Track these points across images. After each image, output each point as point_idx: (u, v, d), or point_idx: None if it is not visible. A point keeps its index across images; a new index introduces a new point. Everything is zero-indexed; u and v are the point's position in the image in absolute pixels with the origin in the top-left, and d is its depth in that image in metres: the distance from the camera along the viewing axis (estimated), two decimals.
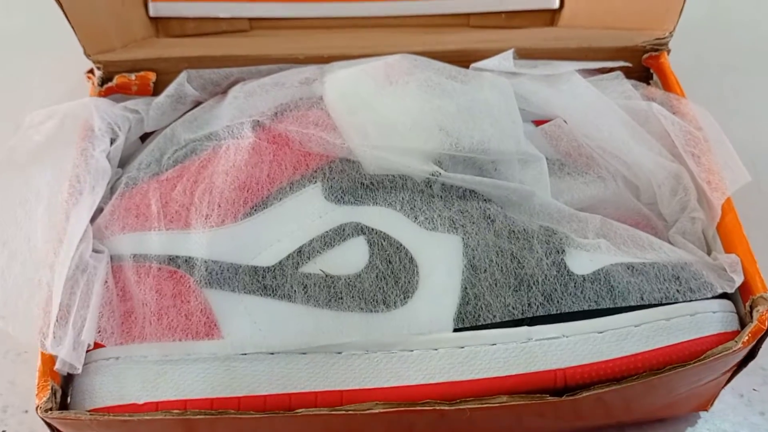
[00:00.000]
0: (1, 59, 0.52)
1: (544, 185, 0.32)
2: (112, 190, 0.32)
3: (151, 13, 0.44)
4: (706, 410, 0.35)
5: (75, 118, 0.32)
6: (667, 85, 0.37)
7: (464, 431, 0.32)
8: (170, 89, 0.35)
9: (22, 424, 0.35)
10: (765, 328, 0.28)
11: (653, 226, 0.34)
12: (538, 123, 0.36)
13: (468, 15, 0.48)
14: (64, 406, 0.28)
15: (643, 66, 0.38)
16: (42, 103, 0.48)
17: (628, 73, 0.38)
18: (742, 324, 0.30)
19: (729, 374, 0.32)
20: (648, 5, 0.39)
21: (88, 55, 0.35)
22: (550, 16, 0.47)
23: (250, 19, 0.46)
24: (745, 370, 0.35)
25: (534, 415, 0.30)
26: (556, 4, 0.47)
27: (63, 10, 0.34)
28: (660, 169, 0.33)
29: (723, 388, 0.33)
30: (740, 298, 0.30)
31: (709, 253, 0.32)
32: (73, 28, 0.34)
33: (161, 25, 0.45)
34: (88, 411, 0.27)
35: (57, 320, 0.28)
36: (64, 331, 0.28)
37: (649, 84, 0.38)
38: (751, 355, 0.30)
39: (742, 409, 0.36)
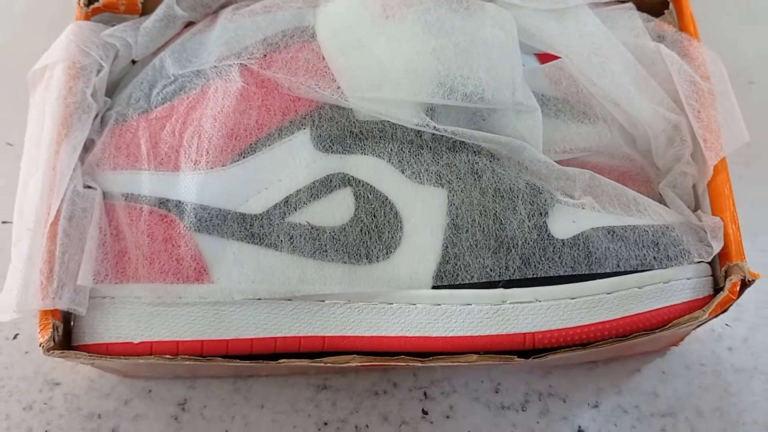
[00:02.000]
0: None
1: (536, 137, 0.32)
2: (102, 122, 0.32)
3: None
4: (677, 346, 0.37)
5: (62, 61, 0.32)
6: (682, 21, 0.35)
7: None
8: (159, 12, 0.33)
9: (35, 327, 0.37)
10: (735, 298, 0.29)
11: (645, 175, 0.33)
12: (540, 57, 0.35)
13: None
14: (67, 339, 0.30)
15: None
16: (24, 39, 0.47)
17: (642, 3, 0.36)
18: (716, 287, 0.30)
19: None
20: None
21: None
22: None
23: None
24: None
25: (506, 371, 0.32)
26: None
27: None
28: (659, 119, 0.32)
29: (693, 330, 0.35)
30: (718, 262, 0.31)
31: (695, 210, 0.32)
32: None
33: None
34: (87, 350, 0.29)
35: (53, 270, 0.29)
36: (62, 280, 0.29)
37: (663, 14, 0.36)
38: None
39: (711, 343, 0.38)
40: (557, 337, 0.29)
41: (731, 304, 0.29)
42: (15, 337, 0.38)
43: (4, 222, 0.41)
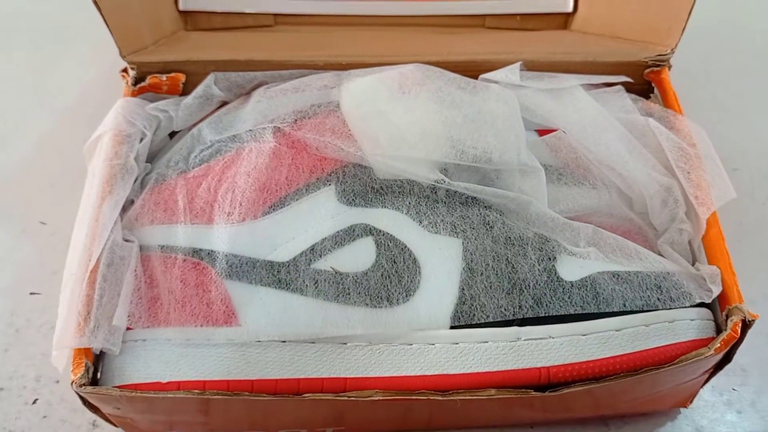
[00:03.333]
0: (33, 44, 0.55)
1: (541, 194, 0.34)
2: (142, 184, 0.35)
3: (181, 7, 0.47)
4: (686, 407, 0.38)
5: (110, 130, 0.35)
6: (666, 100, 0.39)
7: (457, 417, 0.35)
8: (198, 90, 0.37)
9: (54, 393, 0.39)
10: (737, 336, 0.31)
11: (644, 234, 0.36)
12: (540, 132, 0.38)
13: (484, 16, 0.50)
14: (94, 380, 0.31)
15: (644, 80, 0.40)
16: (75, 91, 0.52)
17: (631, 87, 0.40)
18: (719, 331, 0.32)
19: (707, 375, 0.34)
20: (654, 18, 0.41)
21: (123, 56, 0.38)
22: (563, 20, 0.49)
23: (275, 15, 0.48)
24: (726, 371, 0.37)
25: (523, 406, 0.33)
26: (570, 8, 0.49)
27: (100, 12, 0.37)
28: (652, 182, 0.35)
29: (702, 387, 0.36)
30: (719, 308, 0.33)
31: (693, 263, 0.34)
32: (109, 29, 0.37)
33: (190, 19, 0.48)
34: (117, 387, 0.30)
35: (90, 311, 0.31)
36: (98, 321, 0.31)
37: (650, 97, 0.40)
38: (726, 359, 0.33)
39: (720, 407, 0.39)
40: (571, 371, 0.30)
41: (736, 343, 0.31)
42: (34, 402, 0.38)
43: (31, 293, 0.42)
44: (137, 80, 0.38)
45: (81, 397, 0.31)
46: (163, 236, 0.33)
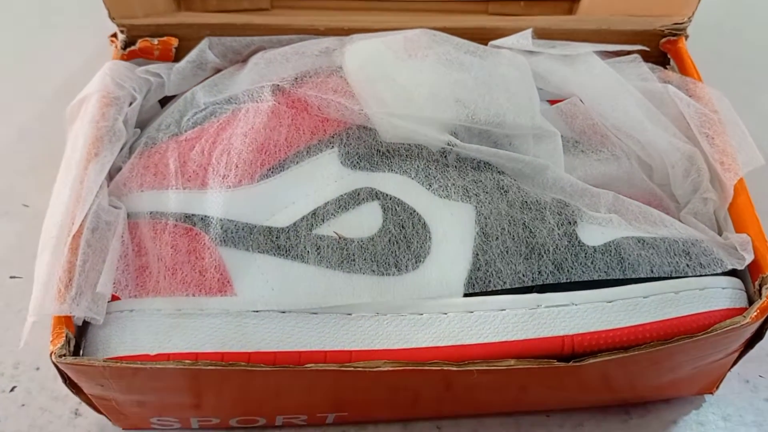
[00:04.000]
0: (19, 30, 0.54)
1: (558, 160, 0.32)
2: (131, 149, 0.33)
3: None
4: (712, 393, 0.35)
5: (97, 92, 0.33)
6: (684, 70, 0.37)
7: (469, 403, 0.32)
8: (192, 55, 0.35)
9: (33, 380, 0.36)
10: None
11: (665, 206, 0.34)
12: (552, 103, 0.36)
13: (487, 2, 0.49)
14: (76, 354, 0.29)
15: (660, 51, 0.39)
16: (61, 76, 0.50)
17: (646, 57, 0.38)
18: (751, 303, 0.30)
19: (735, 355, 0.32)
20: None
21: (112, 18, 0.35)
22: (568, 6, 0.47)
23: None
24: (752, 357, 0.35)
25: (539, 385, 0.31)
26: None
27: None
28: (673, 150, 0.33)
29: (729, 370, 0.33)
30: (750, 278, 0.30)
31: (720, 234, 0.32)
32: None
33: (183, 2, 0.46)
34: (102, 360, 0.28)
35: (72, 278, 0.28)
36: (81, 288, 0.28)
37: (666, 68, 0.38)
38: (758, 335, 0.31)
39: (747, 394, 0.36)
40: (597, 340, 0.28)
41: None
42: (12, 390, 0.36)
43: (11, 277, 0.40)
44: (127, 44, 0.36)
45: (61, 374, 0.29)
46: (153, 202, 0.31)
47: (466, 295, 0.29)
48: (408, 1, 0.48)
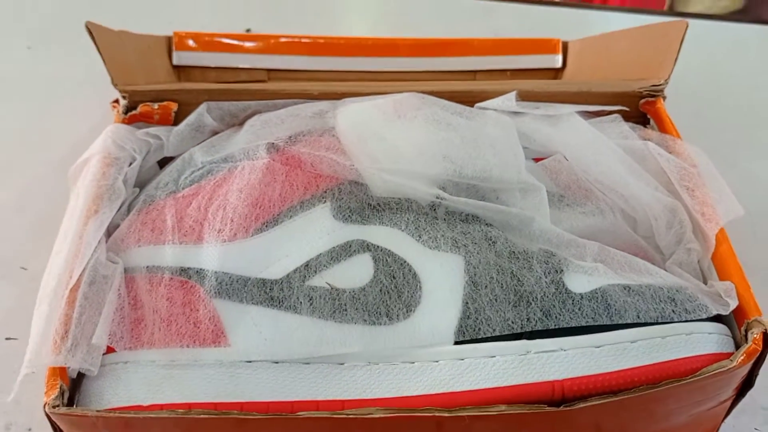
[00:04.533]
0: (27, 98, 0.56)
1: (543, 212, 0.33)
2: (129, 207, 0.34)
3: (175, 62, 0.47)
4: None
5: (98, 153, 0.34)
6: (663, 129, 0.39)
7: None
8: (190, 118, 0.37)
9: None
10: (760, 348, 0.29)
11: (650, 257, 0.35)
12: (538, 161, 0.38)
13: (474, 72, 0.51)
14: (70, 406, 0.29)
15: (640, 111, 0.40)
16: (66, 143, 0.51)
17: (626, 118, 0.40)
18: (738, 348, 0.30)
19: (727, 404, 0.32)
20: (644, 58, 0.42)
21: (115, 85, 0.37)
22: (552, 75, 0.50)
23: (268, 70, 0.49)
24: (746, 410, 0.35)
25: (533, 429, 0.31)
26: (560, 63, 0.50)
27: (96, 45, 0.37)
28: (656, 203, 0.34)
29: (722, 421, 0.33)
30: (735, 324, 0.31)
31: (705, 283, 0.33)
32: (103, 60, 0.37)
33: (183, 74, 0.48)
34: (95, 410, 0.28)
35: (68, 329, 0.28)
36: (77, 340, 0.28)
37: (646, 128, 0.40)
38: (748, 383, 0.31)
39: None
40: (586, 384, 0.28)
41: (759, 358, 0.29)
42: (8, 428, 0.35)
43: (7, 339, 0.40)
44: (128, 109, 0.37)
45: (54, 427, 0.29)
46: (150, 257, 0.32)
47: (456, 343, 0.29)
48: (399, 72, 0.50)
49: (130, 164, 0.35)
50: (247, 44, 0.49)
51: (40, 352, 0.28)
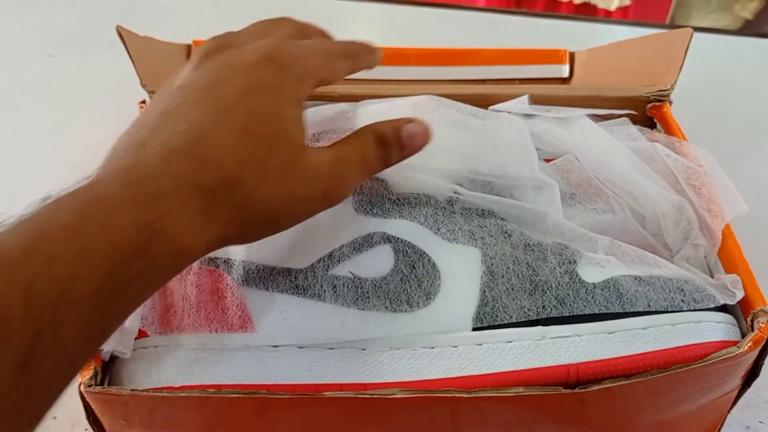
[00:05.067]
0: (51, 109, 0.57)
1: (556, 208, 0.35)
2: None
3: None
4: None
5: None
6: (669, 132, 0.40)
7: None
8: None
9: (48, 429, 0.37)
10: (766, 336, 0.30)
11: (659, 253, 0.36)
12: (549, 161, 0.39)
13: (484, 81, 0.52)
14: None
15: (647, 116, 0.42)
16: (88, 147, 0.53)
17: (634, 122, 0.41)
18: (744, 337, 0.31)
19: (733, 395, 0.33)
20: (651, 68, 0.43)
21: (143, 86, 0.39)
22: (560, 84, 0.51)
23: None
24: (751, 403, 0.36)
25: (546, 420, 0.32)
26: (567, 73, 0.51)
27: (125, 47, 0.38)
28: (664, 201, 0.36)
29: (728, 412, 0.35)
30: (742, 315, 0.32)
31: (711, 277, 0.34)
32: (132, 61, 0.38)
33: None
34: (129, 388, 0.29)
35: None
36: None
37: (652, 131, 0.41)
38: (754, 372, 0.32)
39: None
40: (600, 367, 0.29)
41: (764, 347, 0.30)
42: (54, 419, 0.36)
43: None
44: None
45: (86, 408, 0.30)
46: None
47: (475, 329, 0.30)
48: (409, 81, 0.52)
49: None
50: None
51: None
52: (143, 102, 0.40)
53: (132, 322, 0.30)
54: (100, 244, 0.22)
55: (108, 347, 0.29)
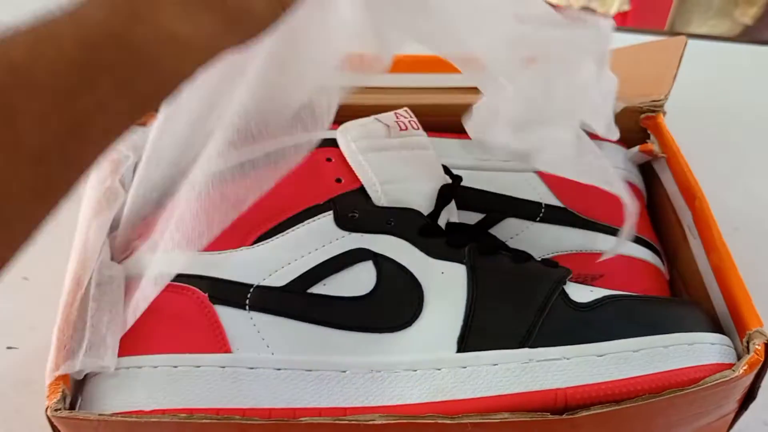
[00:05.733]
0: None
1: None
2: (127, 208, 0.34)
3: None
4: None
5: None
6: (663, 144, 0.39)
7: None
8: None
9: None
10: (762, 359, 0.29)
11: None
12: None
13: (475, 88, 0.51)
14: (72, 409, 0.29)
15: (640, 127, 0.41)
16: None
17: (626, 134, 0.40)
18: (740, 359, 0.30)
19: (730, 418, 0.32)
20: (645, 77, 0.42)
21: None
22: None
23: None
24: (749, 426, 0.35)
25: None
26: None
27: None
28: None
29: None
30: (737, 335, 0.31)
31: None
32: None
33: None
34: (96, 413, 0.28)
35: (83, 334, 0.29)
36: (90, 342, 0.29)
37: (645, 143, 0.40)
38: (750, 395, 0.31)
39: None
40: (589, 392, 0.28)
41: (761, 369, 0.29)
42: None
43: (8, 348, 0.40)
44: None
45: (53, 429, 0.28)
46: (149, 263, 0.32)
47: (459, 351, 0.29)
48: (402, 88, 0.50)
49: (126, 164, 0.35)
50: None
51: (55, 363, 0.28)
52: None
53: (114, 336, 0.29)
54: (64, 27, 0.19)
55: (90, 367, 0.28)
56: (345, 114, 0.37)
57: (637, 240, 0.37)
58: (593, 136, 0.39)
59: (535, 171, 0.38)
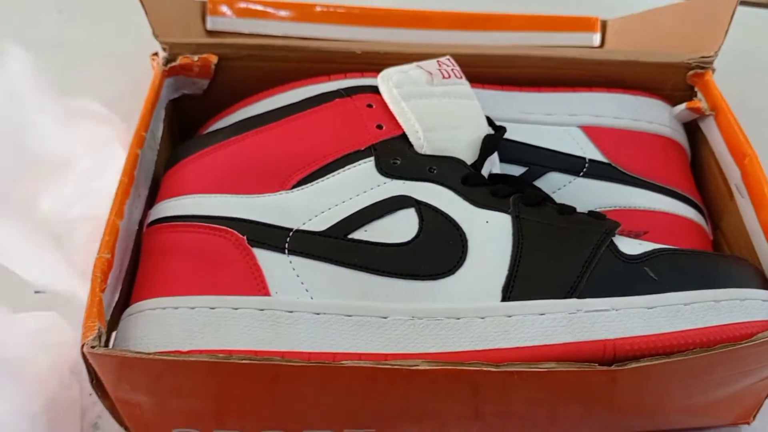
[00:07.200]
0: (59, 67, 0.55)
1: None
2: (171, 158, 0.33)
3: (209, 27, 0.47)
4: (748, 423, 0.34)
5: None
6: (711, 102, 0.38)
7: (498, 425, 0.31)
8: None
9: None
10: None
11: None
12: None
13: (513, 48, 0.50)
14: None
15: (687, 84, 0.39)
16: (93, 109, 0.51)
17: (673, 92, 0.39)
18: None
19: None
20: (691, 36, 0.41)
21: (156, 36, 0.37)
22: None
23: (302, 39, 0.48)
24: None
25: (572, 401, 0.30)
26: (598, 42, 0.49)
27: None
28: None
29: (766, 397, 0.33)
30: None
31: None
32: (145, 11, 0.36)
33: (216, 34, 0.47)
34: (133, 351, 0.27)
35: (108, 275, 0.28)
36: (116, 283, 0.28)
37: (692, 100, 0.39)
38: None
39: None
40: (639, 344, 0.27)
41: None
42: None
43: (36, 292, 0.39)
44: (168, 61, 0.37)
45: (90, 372, 0.28)
46: (191, 207, 0.31)
47: (504, 300, 0.28)
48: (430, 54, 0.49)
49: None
50: (281, 12, 0.48)
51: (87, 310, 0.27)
52: (155, 54, 0.38)
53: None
54: None
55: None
56: (384, 62, 0.36)
57: (682, 198, 0.36)
58: (637, 92, 0.39)
59: (579, 125, 0.37)
